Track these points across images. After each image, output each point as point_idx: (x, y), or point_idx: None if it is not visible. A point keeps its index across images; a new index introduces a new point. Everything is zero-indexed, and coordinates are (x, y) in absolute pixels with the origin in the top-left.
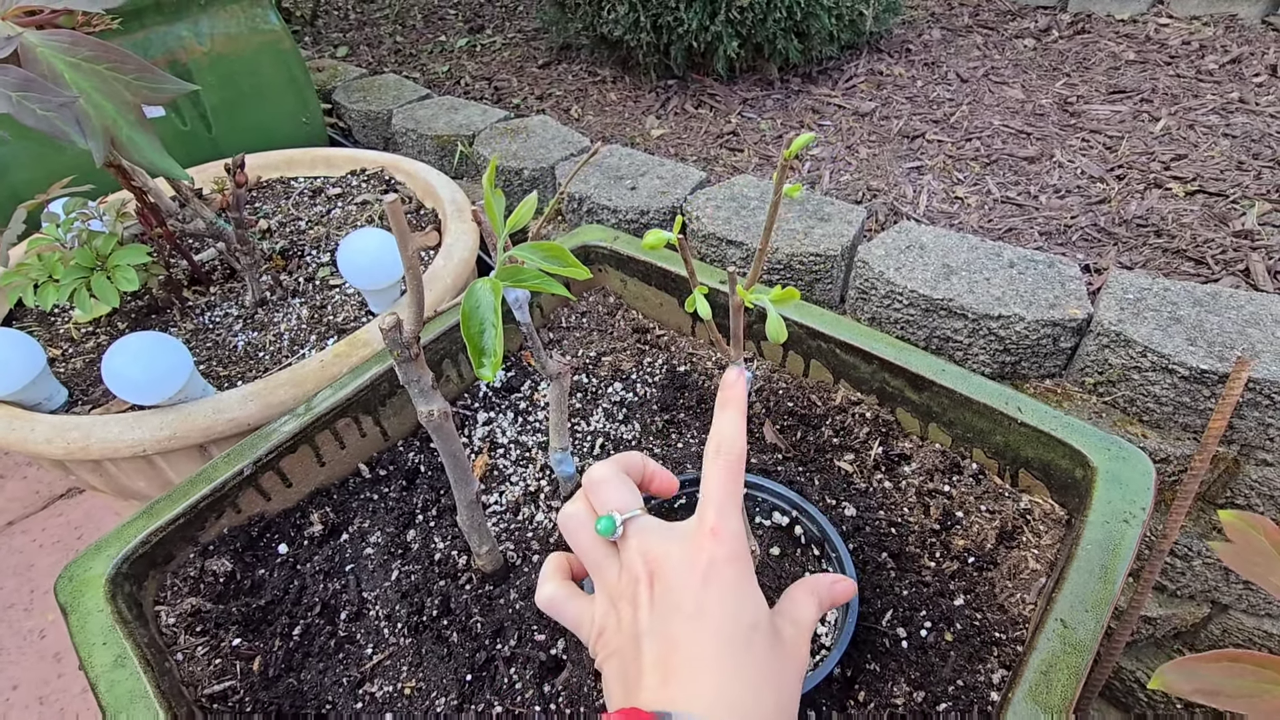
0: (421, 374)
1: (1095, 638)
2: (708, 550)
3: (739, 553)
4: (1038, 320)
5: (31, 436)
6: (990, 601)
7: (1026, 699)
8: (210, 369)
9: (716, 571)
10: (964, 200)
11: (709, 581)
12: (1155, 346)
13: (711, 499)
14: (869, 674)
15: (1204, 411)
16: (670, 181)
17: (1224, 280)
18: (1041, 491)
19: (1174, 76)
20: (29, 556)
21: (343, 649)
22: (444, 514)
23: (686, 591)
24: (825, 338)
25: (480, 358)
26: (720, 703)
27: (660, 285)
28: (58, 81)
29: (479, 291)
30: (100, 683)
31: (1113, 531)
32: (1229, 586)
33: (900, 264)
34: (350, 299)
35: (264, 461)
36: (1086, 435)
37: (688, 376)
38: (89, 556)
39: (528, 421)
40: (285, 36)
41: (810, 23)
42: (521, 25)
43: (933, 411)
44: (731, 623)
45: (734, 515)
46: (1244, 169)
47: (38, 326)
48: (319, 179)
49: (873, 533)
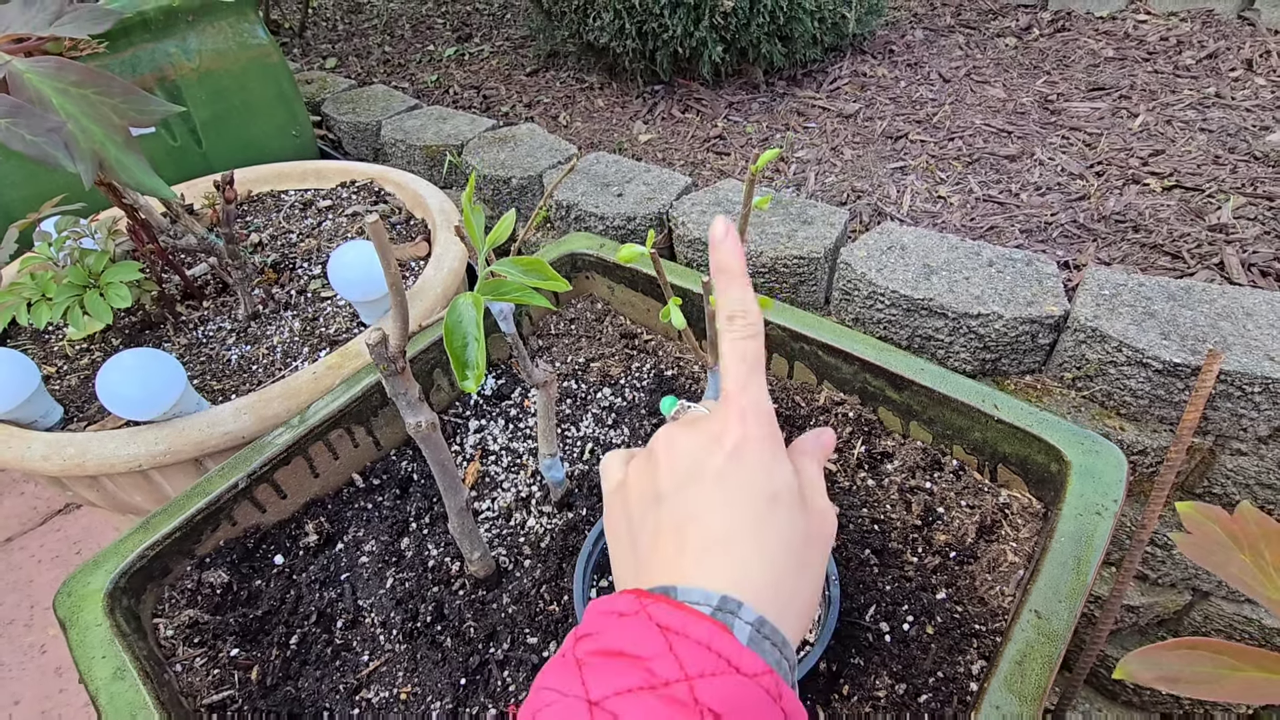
0: (408, 387)
1: (1069, 627)
2: (735, 431)
3: (769, 432)
4: (1016, 318)
5: (28, 454)
6: (971, 594)
7: (1002, 688)
8: (204, 383)
9: (740, 443)
10: (947, 199)
11: (734, 456)
12: (1130, 341)
13: (734, 375)
14: (853, 668)
15: (1179, 404)
16: (656, 187)
17: (1199, 274)
18: (1020, 486)
19: (1152, 72)
20: (28, 572)
21: (339, 656)
22: (437, 522)
23: (710, 462)
24: (808, 340)
25: (463, 370)
26: (737, 579)
27: (646, 291)
28: (46, 107)
29: (461, 307)
30: (101, 695)
31: (1085, 524)
32: (1208, 574)
33: (882, 265)
34: (342, 310)
35: (258, 474)
36: (1061, 430)
37: (675, 380)
38: (87, 571)
39: (518, 428)
40: (273, 51)
41: (793, 26)
42: (509, 34)
43: (913, 410)
44: (753, 492)
45: (760, 390)
46: (1220, 163)
47: (32, 345)
48: (309, 192)
49: (856, 530)
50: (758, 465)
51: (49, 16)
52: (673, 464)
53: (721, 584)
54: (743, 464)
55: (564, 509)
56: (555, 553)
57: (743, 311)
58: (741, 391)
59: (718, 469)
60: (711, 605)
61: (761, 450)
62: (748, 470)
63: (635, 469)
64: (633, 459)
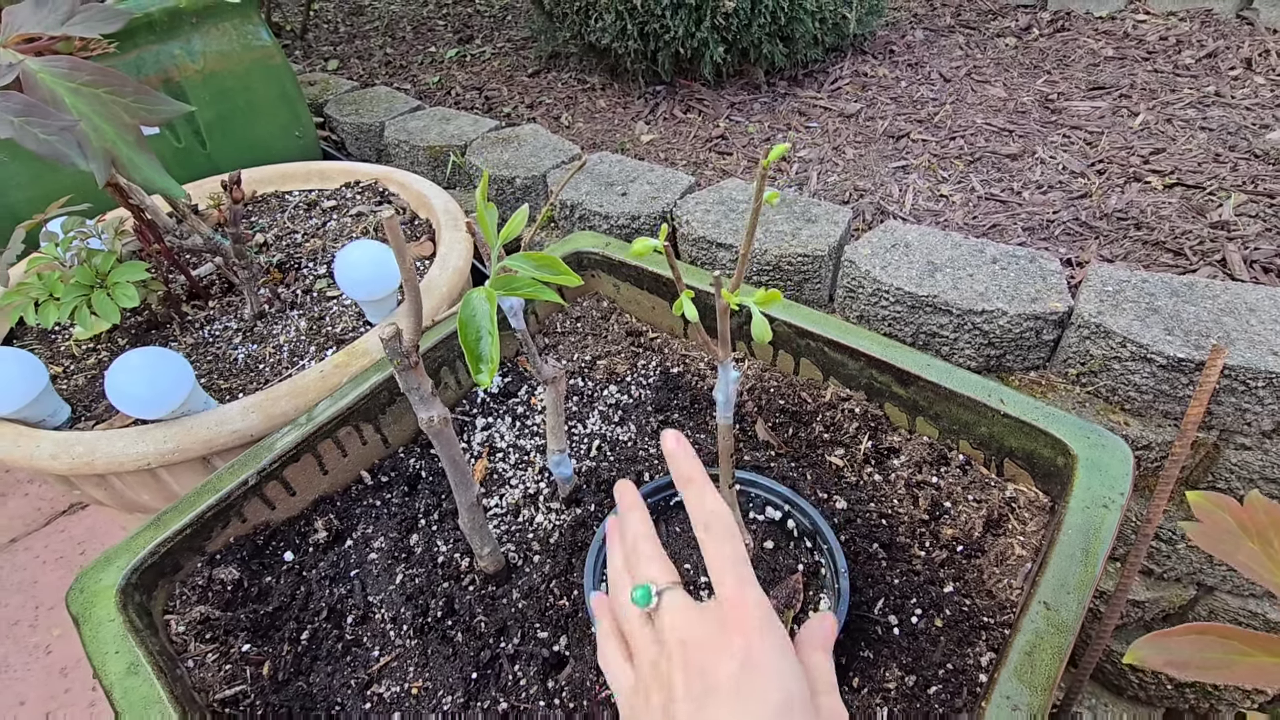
0: (421, 381)
1: (1077, 618)
2: (740, 630)
3: (769, 622)
4: (1020, 314)
5: (37, 453)
6: (979, 588)
7: (1012, 678)
8: (211, 382)
9: (753, 657)
10: (949, 198)
11: (747, 665)
12: (1134, 337)
13: (730, 579)
14: (862, 661)
15: (1183, 399)
16: (660, 187)
17: (1202, 270)
18: (1026, 480)
19: (1152, 72)
20: (33, 573)
21: (350, 652)
22: (446, 518)
23: (724, 670)
24: (814, 336)
25: (478, 364)
26: None
27: (652, 289)
28: (58, 106)
29: (475, 301)
30: (115, 690)
31: (1093, 517)
32: (1213, 568)
33: (886, 262)
34: (347, 310)
35: (268, 471)
36: (1067, 424)
37: (681, 378)
38: (99, 568)
39: (525, 425)
40: (277, 52)
41: (794, 27)
42: (510, 35)
43: (919, 405)
44: (768, 705)
45: (756, 589)
46: (1221, 161)
47: (38, 344)
48: (313, 192)
49: (864, 524)
50: (771, 673)
51: (60, 16)
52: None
53: None
54: (756, 673)
55: (572, 505)
56: (564, 548)
57: (716, 516)
58: (740, 593)
59: (734, 681)
60: None
61: (772, 655)
62: (761, 680)
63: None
64: (634, 650)
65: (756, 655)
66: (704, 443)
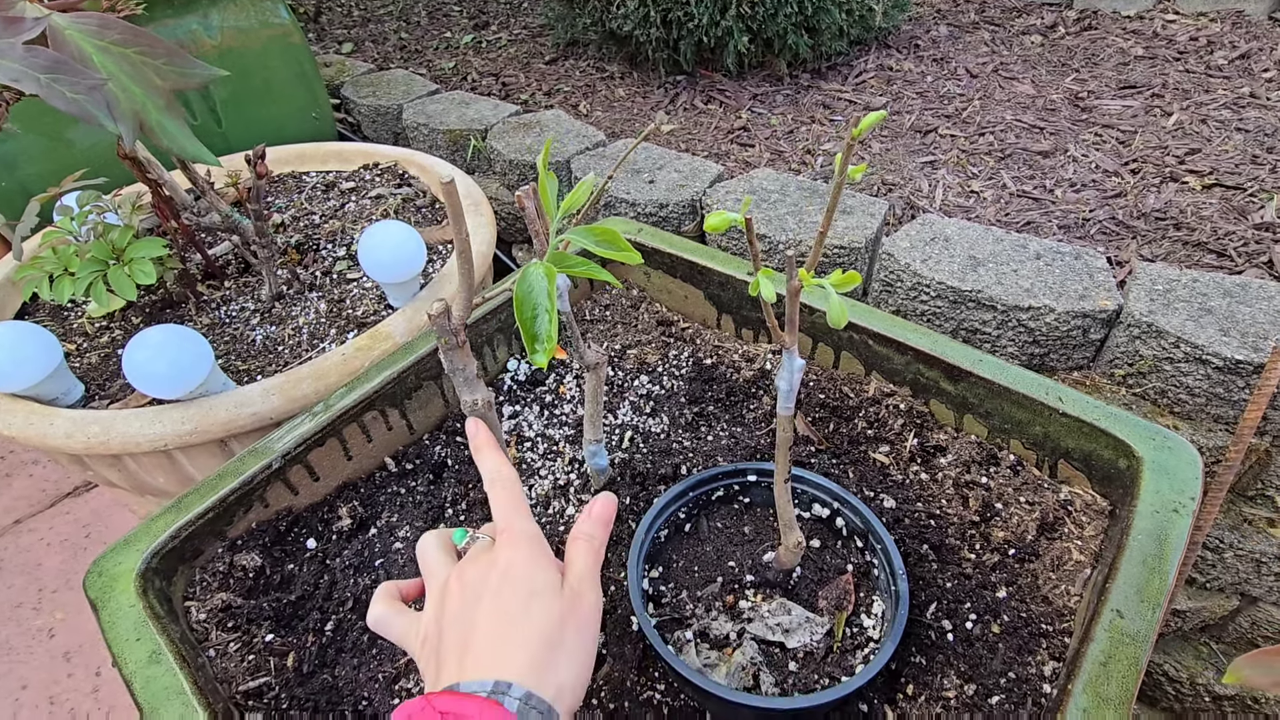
0: (467, 362)
1: (1152, 629)
2: (505, 551)
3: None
4: (1068, 311)
5: (51, 431)
6: (1034, 593)
7: (1086, 690)
8: (229, 363)
9: (508, 564)
10: (980, 194)
11: (505, 574)
12: (1188, 337)
13: (503, 513)
14: (915, 667)
15: (1237, 403)
16: (688, 175)
17: (1248, 272)
18: (1082, 482)
19: (1184, 72)
20: (37, 555)
21: (376, 644)
22: (473, 508)
23: (487, 583)
24: (857, 329)
25: (534, 343)
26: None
27: (684, 278)
28: (86, 64)
29: (532, 276)
30: (136, 679)
31: (1163, 521)
32: (1260, 579)
33: (926, 256)
34: (369, 292)
35: (291, 455)
36: (1131, 425)
37: (714, 369)
38: (118, 551)
39: (554, 415)
40: (295, 31)
41: (821, 18)
42: (527, 21)
43: (969, 403)
44: (517, 596)
45: (526, 520)
46: (1259, 163)
47: (50, 321)
48: (331, 173)
49: (912, 525)
50: (522, 575)
51: None
52: (463, 594)
53: (492, 672)
54: (509, 578)
55: None
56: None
57: (501, 475)
58: (510, 523)
59: (494, 587)
60: (487, 690)
61: (525, 563)
62: (513, 581)
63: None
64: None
65: (514, 564)
66: (740, 436)
